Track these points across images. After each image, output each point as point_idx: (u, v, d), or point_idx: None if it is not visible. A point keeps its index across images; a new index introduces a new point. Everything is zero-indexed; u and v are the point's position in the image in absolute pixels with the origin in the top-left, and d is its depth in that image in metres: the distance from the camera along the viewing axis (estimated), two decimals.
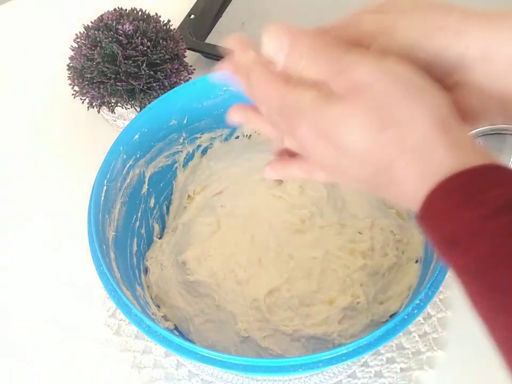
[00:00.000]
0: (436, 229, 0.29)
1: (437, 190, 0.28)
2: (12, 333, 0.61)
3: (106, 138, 0.59)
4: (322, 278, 0.56)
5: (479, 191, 0.27)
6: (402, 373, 0.56)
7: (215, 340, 0.56)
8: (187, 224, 0.62)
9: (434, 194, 0.28)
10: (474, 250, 0.27)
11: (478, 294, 0.27)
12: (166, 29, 0.69)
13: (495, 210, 0.26)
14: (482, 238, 0.27)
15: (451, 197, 0.28)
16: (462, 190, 0.28)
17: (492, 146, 0.66)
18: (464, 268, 0.28)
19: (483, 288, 0.27)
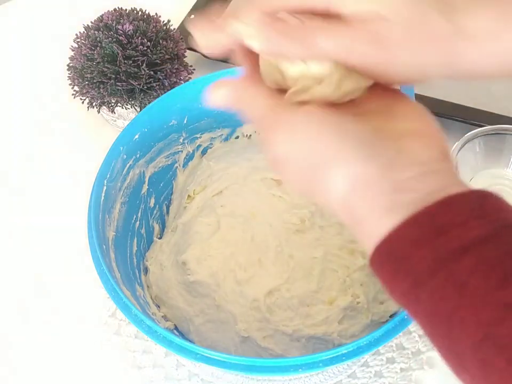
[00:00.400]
0: (387, 291, 0.30)
1: (371, 261, 0.29)
2: (12, 333, 0.61)
3: (106, 138, 0.59)
4: (322, 278, 0.56)
5: (402, 258, 0.28)
6: (402, 373, 0.56)
7: (215, 340, 0.56)
8: (187, 224, 0.62)
9: (371, 265, 0.30)
10: (420, 318, 0.28)
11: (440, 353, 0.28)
12: (166, 29, 0.69)
13: (421, 278, 0.27)
14: (421, 306, 0.27)
15: (383, 269, 0.29)
16: (387, 262, 0.28)
17: (492, 146, 0.66)
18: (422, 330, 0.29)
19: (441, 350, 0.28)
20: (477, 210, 0.27)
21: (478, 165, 0.66)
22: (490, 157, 0.66)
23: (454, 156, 0.63)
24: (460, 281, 0.26)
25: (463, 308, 0.26)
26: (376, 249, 0.29)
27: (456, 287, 0.26)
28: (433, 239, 0.27)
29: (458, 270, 0.26)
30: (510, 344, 0.24)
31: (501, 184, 0.66)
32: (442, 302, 0.26)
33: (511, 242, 0.26)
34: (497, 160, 0.67)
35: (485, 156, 0.66)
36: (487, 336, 0.25)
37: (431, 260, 0.27)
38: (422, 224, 0.27)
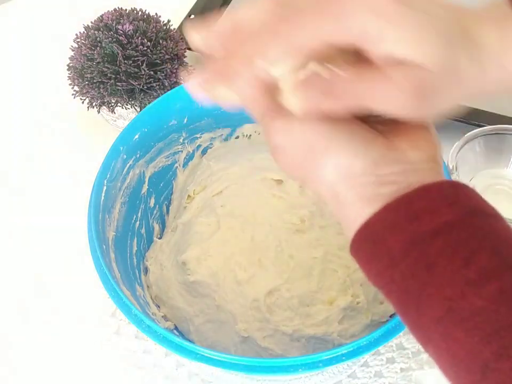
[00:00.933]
0: (364, 274, 0.32)
1: (352, 246, 0.32)
2: (12, 333, 0.61)
3: (106, 138, 0.59)
4: (322, 278, 0.56)
5: (379, 241, 0.30)
6: (402, 373, 0.56)
7: (215, 340, 0.56)
8: (187, 224, 0.62)
9: (351, 250, 0.32)
10: (392, 297, 0.31)
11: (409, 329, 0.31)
12: (166, 29, 0.69)
13: (395, 259, 0.29)
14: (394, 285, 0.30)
15: (360, 253, 0.32)
16: (365, 245, 0.31)
17: (492, 146, 0.66)
18: (394, 309, 0.31)
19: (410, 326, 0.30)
20: (450, 198, 0.30)
21: (478, 165, 0.66)
22: (490, 157, 0.66)
23: (454, 156, 0.63)
24: (429, 262, 0.29)
25: (430, 285, 0.28)
26: (356, 233, 0.31)
27: (425, 266, 0.29)
28: (407, 223, 0.29)
29: (428, 251, 0.29)
30: (469, 317, 0.27)
31: (501, 184, 0.66)
32: (413, 280, 0.29)
33: (476, 226, 0.29)
34: (497, 160, 0.67)
35: (485, 156, 0.66)
36: (449, 310, 0.28)
37: (405, 243, 0.29)
38: (399, 210, 0.30)
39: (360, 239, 0.31)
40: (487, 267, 0.28)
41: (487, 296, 0.27)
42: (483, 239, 0.29)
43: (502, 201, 0.65)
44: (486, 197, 0.31)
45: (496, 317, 0.27)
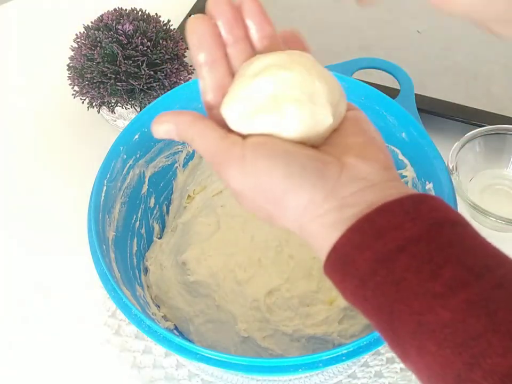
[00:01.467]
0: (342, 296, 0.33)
1: (325, 269, 0.33)
2: (12, 333, 0.61)
3: (106, 138, 0.59)
4: (322, 278, 0.56)
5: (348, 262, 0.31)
6: (402, 373, 0.56)
7: (215, 340, 0.56)
8: (187, 224, 0.62)
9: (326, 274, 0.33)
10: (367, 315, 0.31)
11: (388, 344, 0.31)
12: (166, 29, 0.69)
13: (365, 278, 0.30)
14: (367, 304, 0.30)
15: (334, 275, 0.32)
16: (336, 267, 0.31)
17: (492, 146, 0.66)
18: (371, 323, 0.32)
19: (388, 342, 0.31)
20: (411, 213, 0.30)
21: (478, 165, 0.66)
22: (490, 157, 0.66)
23: (454, 156, 0.63)
24: (396, 278, 0.29)
25: (399, 301, 0.29)
26: (327, 257, 0.32)
27: (393, 283, 0.29)
28: (373, 242, 0.30)
29: (394, 268, 0.29)
30: (438, 329, 0.27)
31: (501, 184, 0.66)
32: (383, 297, 0.29)
33: (441, 238, 0.29)
34: (497, 160, 0.67)
35: (485, 155, 0.66)
36: (419, 324, 0.28)
37: (372, 261, 0.30)
38: (363, 230, 0.31)
39: (331, 262, 0.32)
40: (453, 279, 0.28)
41: (454, 308, 0.27)
42: (448, 250, 0.29)
43: (502, 201, 0.65)
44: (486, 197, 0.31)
45: (464, 328, 0.27)
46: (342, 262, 0.31)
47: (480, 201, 0.60)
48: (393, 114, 0.56)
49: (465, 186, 0.64)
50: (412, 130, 0.55)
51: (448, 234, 0.30)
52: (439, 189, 0.52)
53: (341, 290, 0.32)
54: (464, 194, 0.61)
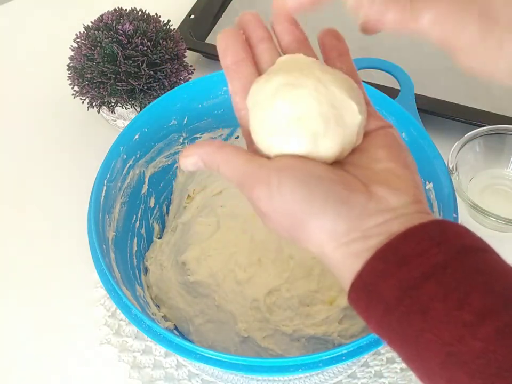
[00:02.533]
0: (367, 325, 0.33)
1: (349, 298, 0.32)
2: (12, 333, 0.61)
3: (106, 138, 0.59)
4: (322, 278, 0.56)
5: (373, 290, 0.30)
6: (402, 373, 0.56)
7: (215, 340, 0.56)
8: (187, 224, 0.62)
9: (349, 302, 0.32)
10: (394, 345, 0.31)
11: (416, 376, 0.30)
12: (166, 29, 0.69)
13: (390, 307, 0.29)
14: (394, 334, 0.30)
15: (358, 303, 0.32)
16: (361, 295, 0.31)
17: (492, 146, 0.66)
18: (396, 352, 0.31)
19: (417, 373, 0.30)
20: (437, 238, 0.30)
21: (478, 165, 0.66)
22: (490, 157, 0.66)
23: (454, 156, 0.63)
24: (423, 307, 0.28)
25: (427, 331, 0.28)
26: (351, 286, 0.31)
27: (420, 312, 0.28)
28: (396, 269, 0.29)
29: (421, 296, 0.29)
30: (469, 360, 0.27)
31: (501, 184, 0.66)
32: (409, 327, 0.29)
33: (467, 264, 0.29)
34: (497, 160, 0.67)
35: (485, 156, 0.66)
36: (449, 354, 0.27)
37: (397, 289, 0.29)
38: (386, 257, 0.30)
39: (355, 290, 0.31)
40: (481, 307, 0.27)
41: (484, 337, 0.27)
42: (475, 278, 0.28)
43: (502, 201, 0.65)
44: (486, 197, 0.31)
45: (496, 358, 0.26)
46: (366, 290, 0.31)
47: (480, 201, 0.60)
48: (393, 114, 0.56)
49: (465, 186, 0.64)
50: (412, 130, 0.55)
51: (475, 261, 0.29)
52: (439, 189, 0.52)
53: (366, 319, 0.32)
54: (464, 194, 0.61)
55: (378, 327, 0.31)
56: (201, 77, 0.61)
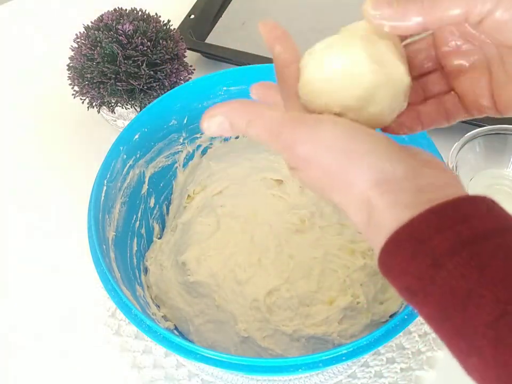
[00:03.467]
0: (394, 283, 0.30)
1: (386, 247, 0.30)
2: (12, 333, 0.61)
3: (106, 138, 0.59)
4: (322, 278, 0.56)
5: (423, 240, 0.28)
6: (402, 373, 0.56)
7: (215, 340, 0.56)
8: (187, 224, 0.62)
9: (384, 252, 0.30)
10: (431, 300, 0.28)
11: (446, 338, 0.28)
12: (166, 29, 0.69)
13: (441, 258, 0.28)
14: (436, 287, 0.28)
15: (398, 253, 0.29)
16: (406, 244, 0.29)
17: (493, 146, 0.66)
18: (428, 316, 0.29)
19: (450, 333, 0.28)
20: (494, 211, 0.29)
21: (478, 165, 0.66)
22: (490, 157, 0.66)
23: (454, 155, 0.63)
24: (481, 263, 0.27)
25: (483, 286, 0.27)
26: (394, 234, 0.29)
27: (477, 267, 0.27)
28: (456, 224, 0.28)
29: (480, 252, 0.27)
30: None
31: (501, 184, 0.66)
32: (463, 279, 0.27)
33: None
34: (497, 160, 0.67)
35: (485, 155, 0.66)
36: (504, 314, 0.26)
37: (454, 242, 0.28)
38: (445, 213, 0.29)
39: (398, 239, 0.29)
40: None
41: None
42: None
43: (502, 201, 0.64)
44: None
45: None
46: (415, 239, 0.29)
47: None
48: None
49: (465, 186, 0.64)
50: None
51: None
52: None
53: (401, 271, 0.29)
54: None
55: (416, 280, 0.28)
56: (201, 77, 0.61)
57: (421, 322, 0.58)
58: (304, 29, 0.80)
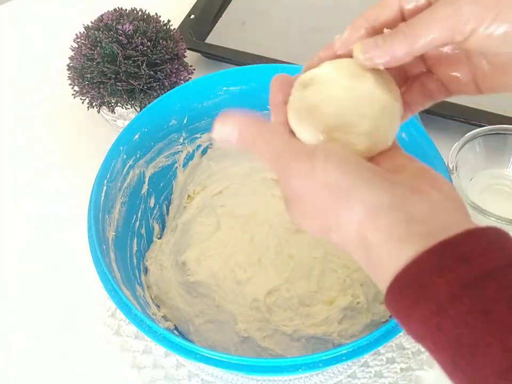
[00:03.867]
0: (403, 326, 0.30)
1: (389, 292, 0.30)
2: (12, 333, 0.61)
3: (106, 138, 0.59)
4: (322, 278, 0.56)
5: (424, 285, 0.28)
6: (402, 373, 0.56)
7: (215, 340, 0.56)
8: (187, 224, 0.62)
9: (388, 297, 0.30)
10: (440, 348, 0.28)
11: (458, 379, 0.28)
12: (166, 29, 0.69)
13: (444, 304, 0.27)
14: (442, 335, 0.27)
15: (402, 298, 0.29)
16: (408, 290, 0.28)
17: (492, 146, 0.66)
18: (440, 362, 0.29)
19: (462, 382, 0.28)
20: (496, 243, 0.28)
21: (478, 165, 0.66)
22: (490, 157, 0.66)
23: (454, 156, 0.63)
24: (485, 308, 0.26)
25: (488, 334, 0.26)
26: (396, 278, 0.29)
27: (481, 313, 0.26)
28: (456, 266, 0.27)
29: (482, 296, 0.26)
30: None
31: (501, 184, 0.66)
32: (467, 328, 0.26)
33: None
34: (497, 160, 0.67)
35: (485, 156, 0.66)
36: None
37: (455, 286, 0.27)
38: (444, 253, 0.28)
39: (401, 283, 0.29)
40: None
41: None
42: None
43: (502, 201, 0.65)
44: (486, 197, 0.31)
45: None
46: (416, 284, 0.28)
47: (480, 201, 0.60)
48: None
49: (465, 187, 0.64)
50: (412, 130, 0.55)
51: None
52: None
53: (406, 318, 0.29)
54: (464, 194, 0.61)
55: (422, 327, 0.28)
56: (201, 77, 0.61)
57: None
58: (304, 29, 0.80)
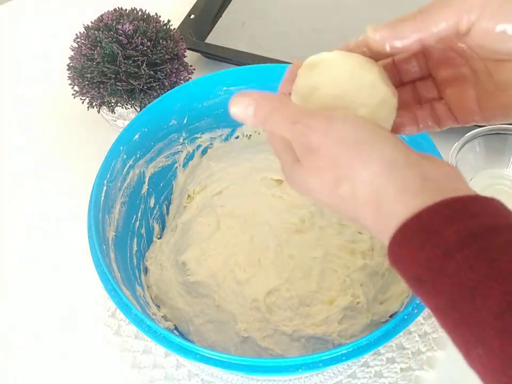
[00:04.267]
0: (402, 272, 0.31)
1: (396, 237, 0.31)
2: (12, 333, 0.61)
3: (106, 138, 0.59)
4: (322, 278, 0.56)
5: (433, 231, 0.29)
6: (402, 373, 0.56)
7: (215, 340, 0.56)
8: (187, 224, 0.62)
9: (394, 242, 0.31)
10: (439, 290, 0.29)
11: (452, 329, 0.29)
12: (166, 29, 0.69)
13: (451, 249, 0.28)
14: (445, 278, 0.28)
15: (408, 242, 0.30)
16: (416, 234, 0.30)
17: (492, 146, 0.66)
18: (435, 307, 0.29)
19: (456, 323, 0.28)
20: (504, 210, 0.30)
21: (478, 165, 0.66)
22: (490, 157, 0.66)
23: (454, 155, 0.63)
24: (491, 256, 0.27)
25: (491, 278, 0.27)
26: (405, 222, 0.30)
27: (486, 260, 0.27)
28: (466, 218, 0.29)
29: (489, 246, 0.28)
30: None
31: (501, 184, 0.66)
32: (471, 271, 0.28)
33: None
34: (497, 160, 0.67)
35: (485, 156, 0.66)
36: (511, 305, 0.26)
37: (464, 234, 0.28)
38: (455, 207, 0.29)
39: (408, 229, 0.30)
40: None
41: None
42: None
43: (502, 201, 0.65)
44: None
45: None
46: (425, 230, 0.29)
47: None
48: None
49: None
50: None
51: None
52: None
53: (410, 261, 0.30)
54: None
55: (424, 270, 0.29)
56: (201, 77, 0.61)
57: (421, 323, 0.58)
58: (304, 29, 0.80)
